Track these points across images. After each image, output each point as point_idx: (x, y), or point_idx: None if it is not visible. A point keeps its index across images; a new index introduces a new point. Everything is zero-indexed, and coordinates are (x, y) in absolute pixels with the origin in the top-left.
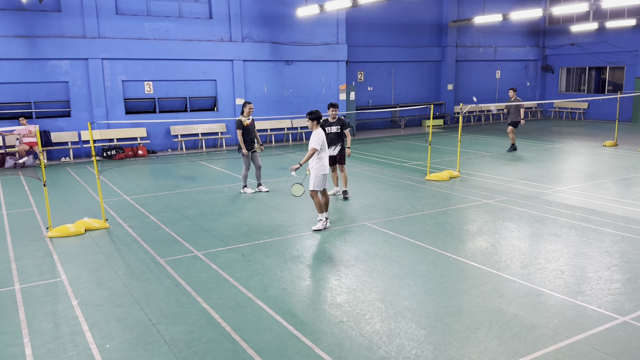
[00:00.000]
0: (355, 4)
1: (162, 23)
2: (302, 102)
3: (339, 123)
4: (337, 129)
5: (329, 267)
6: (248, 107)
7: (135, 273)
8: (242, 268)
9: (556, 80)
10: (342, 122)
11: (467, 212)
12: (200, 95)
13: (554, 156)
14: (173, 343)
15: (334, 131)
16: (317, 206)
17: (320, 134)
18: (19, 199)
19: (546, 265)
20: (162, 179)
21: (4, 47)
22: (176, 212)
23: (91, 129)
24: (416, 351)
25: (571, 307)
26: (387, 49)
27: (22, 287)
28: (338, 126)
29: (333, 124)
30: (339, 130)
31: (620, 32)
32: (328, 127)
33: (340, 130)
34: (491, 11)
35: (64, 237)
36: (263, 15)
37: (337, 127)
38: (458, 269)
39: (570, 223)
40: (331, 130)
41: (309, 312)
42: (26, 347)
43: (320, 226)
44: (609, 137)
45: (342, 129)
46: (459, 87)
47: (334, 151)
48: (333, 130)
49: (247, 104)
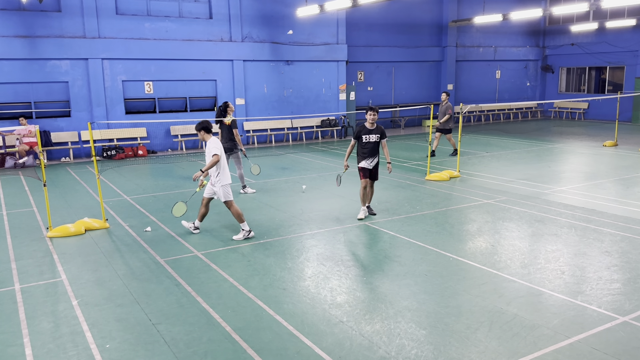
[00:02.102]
0: (355, 4)
1: (162, 23)
2: (302, 102)
3: (378, 131)
4: (376, 138)
5: (329, 267)
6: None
7: (135, 273)
8: (242, 268)
9: (556, 80)
10: (382, 131)
11: (467, 212)
12: (200, 95)
13: (554, 156)
14: (173, 343)
15: (373, 140)
16: (237, 216)
17: (217, 141)
18: (19, 199)
19: (546, 265)
20: (162, 179)
21: (4, 47)
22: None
23: (91, 129)
24: (416, 351)
25: (571, 307)
26: (387, 49)
27: (22, 287)
28: (377, 134)
29: (372, 132)
30: (378, 139)
31: (620, 32)
32: (365, 134)
33: (379, 139)
34: (491, 11)
35: (64, 237)
36: (263, 15)
37: (377, 136)
38: (458, 269)
39: (570, 223)
40: (369, 139)
41: (309, 312)
42: (26, 347)
43: (241, 236)
44: (609, 137)
45: (381, 138)
46: (459, 87)
47: (371, 164)
48: (372, 140)
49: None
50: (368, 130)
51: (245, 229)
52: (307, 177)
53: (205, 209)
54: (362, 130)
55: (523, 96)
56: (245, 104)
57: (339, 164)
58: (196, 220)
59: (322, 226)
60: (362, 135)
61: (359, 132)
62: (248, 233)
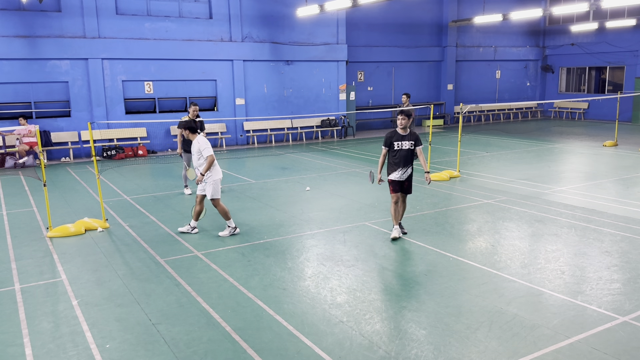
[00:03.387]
0: (355, 4)
1: (162, 23)
2: (302, 102)
3: (412, 137)
4: (410, 145)
5: (329, 267)
6: (192, 109)
7: (135, 273)
8: (242, 268)
9: (556, 80)
10: (417, 137)
11: (467, 212)
12: (200, 95)
13: (554, 156)
14: (173, 343)
15: (406, 147)
16: (223, 214)
17: (204, 140)
18: (19, 199)
19: (546, 265)
20: (162, 179)
21: (4, 47)
22: (176, 212)
23: (91, 129)
24: (416, 351)
25: (571, 307)
26: (387, 49)
27: (22, 287)
28: (411, 141)
29: (404, 138)
30: (412, 147)
31: (620, 32)
32: (398, 141)
33: (413, 146)
34: (491, 11)
35: (64, 237)
36: (263, 15)
37: (411, 143)
38: (458, 269)
39: (570, 223)
40: (402, 146)
41: (309, 312)
42: (26, 347)
43: (227, 233)
44: (609, 137)
45: (415, 145)
46: (459, 87)
47: (404, 175)
48: (405, 147)
49: (191, 105)
50: (400, 136)
51: (231, 226)
52: (307, 177)
53: (200, 206)
54: (393, 137)
55: (523, 96)
56: (245, 104)
57: (339, 164)
58: (191, 220)
59: (322, 226)
60: (393, 142)
61: (389, 139)
62: (234, 230)
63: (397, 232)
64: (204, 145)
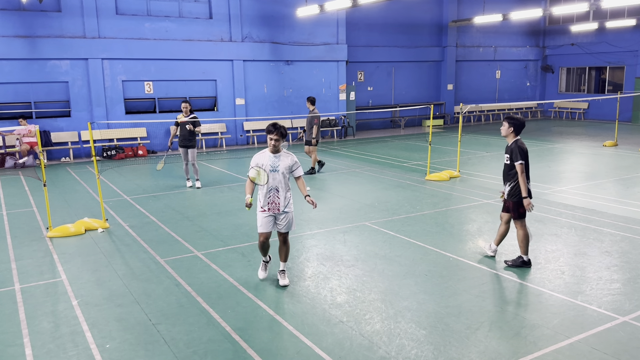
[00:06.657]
0: (355, 4)
1: (162, 23)
2: (302, 102)
3: (507, 150)
4: (506, 159)
5: (329, 267)
6: (182, 106)
7: (135, 273)
8: (242, 268)
9: (556, 80)
10: (512, 149)
11: (467, 212)
12: (200, 95)
13: (554, 156)
14: (173, 343)
15: (504, 162)
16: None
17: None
18: (19, 199)
19: (546, 265)
20: (162, 179)
21: (4, 47)
22: (176, 212)
23: (91, 129)
24: (416, 351)
25: (571, 307)
26: (387, 49)
27: (22, 287)
28: (506, 154)
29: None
30: (508, 161)
31: (620, 32)
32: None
33: (509, 160)
34: (491, 11)
35: (64, 237)
36: (263, 15)
37: (506, 157)
38: (458, 269)
39: (570, 223)
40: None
41: (309, 312)
42: (26, 347)
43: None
44: (609, 137)
45: (511, 160)
46: (459, 87)
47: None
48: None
49: (182, 103)
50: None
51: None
52: (306, 177)
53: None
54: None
55: (523, 96)
56: (245, 104)
57: (339, 164)
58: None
59: (322, 226)
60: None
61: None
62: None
63: (491, 249)
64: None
